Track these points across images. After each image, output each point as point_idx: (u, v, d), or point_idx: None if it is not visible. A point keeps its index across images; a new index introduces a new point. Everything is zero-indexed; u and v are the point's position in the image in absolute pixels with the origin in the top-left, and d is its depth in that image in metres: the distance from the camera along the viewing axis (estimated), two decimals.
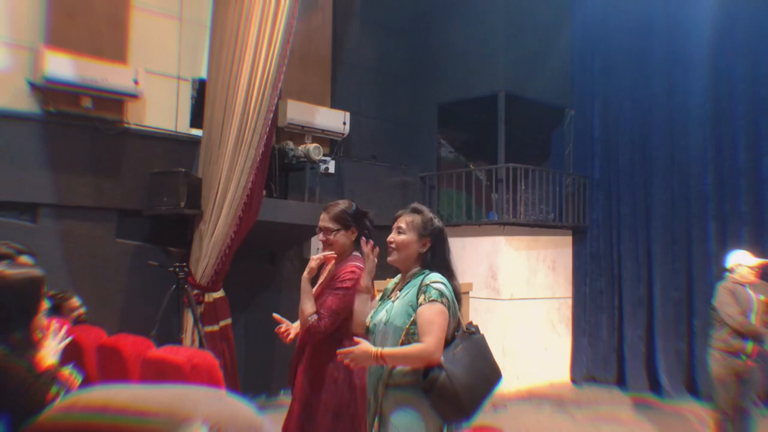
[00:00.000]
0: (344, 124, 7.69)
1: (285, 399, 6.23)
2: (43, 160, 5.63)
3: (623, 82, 8.84)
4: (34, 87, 5.60)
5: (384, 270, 3.32)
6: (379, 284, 3.26)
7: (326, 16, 7.86)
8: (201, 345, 5.31)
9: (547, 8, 9.04)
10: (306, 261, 7.28)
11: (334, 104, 7.86)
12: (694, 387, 7.83)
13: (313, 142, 7.25)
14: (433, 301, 2.53)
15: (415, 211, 2.76)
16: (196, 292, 5.73)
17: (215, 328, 5.87)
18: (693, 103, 8.18)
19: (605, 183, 9.00)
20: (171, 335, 5.65)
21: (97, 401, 0.92)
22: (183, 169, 5.93)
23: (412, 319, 2.56)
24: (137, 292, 6.07)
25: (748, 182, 7.70)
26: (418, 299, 2.57)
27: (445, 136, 9.86)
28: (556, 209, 9.07)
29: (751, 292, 5.09)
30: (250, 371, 6.66)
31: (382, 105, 8.93)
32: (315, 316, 3.03)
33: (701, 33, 8.10)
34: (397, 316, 2.60)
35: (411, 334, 2.55)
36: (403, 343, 2.55)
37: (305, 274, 3.12)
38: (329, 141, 7.76)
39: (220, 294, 6.01)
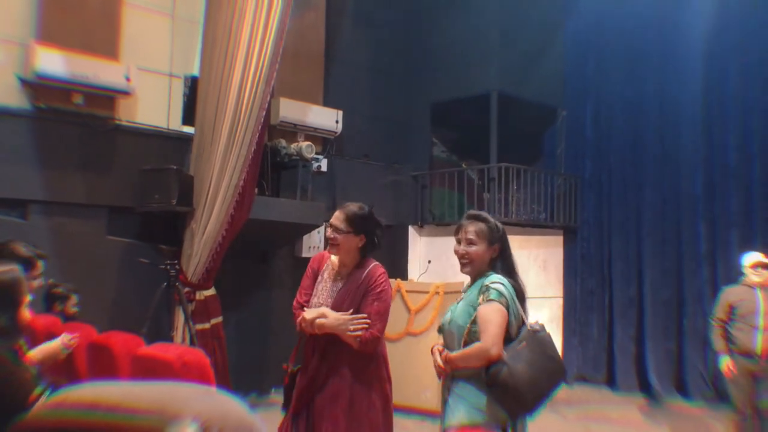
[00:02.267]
0: (337, 122, 7.68)
1: (276, 397, 6.22)
2: (33, 156, 5.59)
3: (616, 82, 8.88)
4: (25, 83, 5.56)
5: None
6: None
7: (319, 14, 7.85)
8: (192, 343, 5.29)
9: (540, 8, 9.05)
10: (298, 259, 7.30)
11: (327, 102, 7.85)
12: (683, 387, 7.88)
13: (305, 140, 7.23)
14: (491, 300, 2.67)
15: (479, 218, 2.85)
16: (187, 289, 5.71)
17: (206, 326, 5.85)
18: (685, 104, 8.23)
19: (597, 183, 9.04)
20: (162, 333, 5.63)
21: (88, 398, 0.92)
22: (174, 167, 5.90)
23: (472, 318, 2.70)
24: (128, 289, 6.04)
25: (738, 183, 7.74)
26: (478, 299, 2.71)
27: (438, 135, 9.86)
28: (547, 209, 9.10)
29: (760, 295, 5.11)
30: (242, 369, 6.64)
31: (375, 103, 8.92)
32: (353, 329, 3.10)
33: (694, 34, 8.16)
34: (459, 316, 2.76)
35: (472, 332, 2.69)
36: (465, 342, 2.69)
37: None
38: (322, 139, 7.75)
39: (211, 292, 5.99)
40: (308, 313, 3.15)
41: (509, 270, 2.82)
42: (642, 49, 8.63)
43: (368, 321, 3.10)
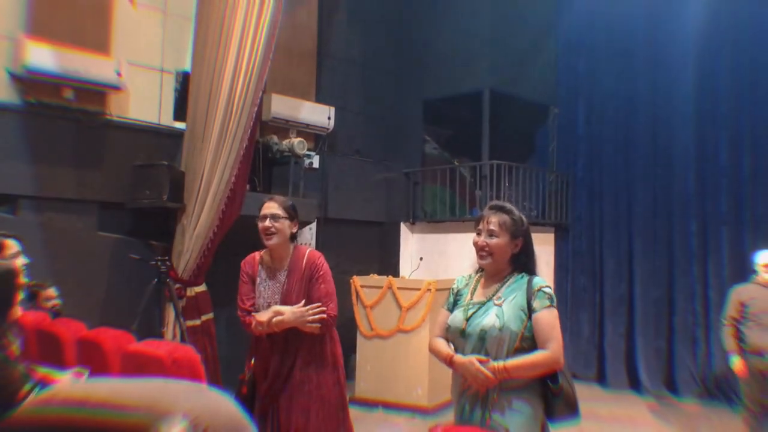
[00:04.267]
0: (329, 118, 7.67)
1: None
2: (23, 151, 5.55)
3: (608, 80, 8.90)
4: (14, 77, 5.52)
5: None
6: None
7: (312, 9, 7.83)
8: (182, 339, 5.28)
9: (533, 7, 9.06)
10: None
11: (320, 99, 7.84)
12: (673, 384, 7.92)
13: (297, 136, 7.22)
14: (550, 306, 2.54)
15: (503, 210, 2.69)
16: (177, 286, 5.70)
17: (197, 322, 5.84)
18: (676, 103, 8.26)
19: (588, 181, 9.06)
20: (152, 329, 5.61)
21: (77, 395, 0.91)
22: (166, 162, 5.88)
23: (524, 323, 2.53)
24: (118, 285, 6.02)
25: (729, 182, 7.78)
26: (530, 304, 2.55)
27: (430, 132, 9.87)
28: (539, 206, 9.12)
29: (766, 293, 5.09)
30: (232, 366, 6.63)
31: (368, 100, 8.91)
32: (304, 311, 3.18)
33: (685, 33, 8.18)
34: (512, 321, 2.54)
35: (525, 338, 2.53)
36: (517, 349, 2.51)
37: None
38: (314, 136, 7.73)
39: (202, 288, 5.97)
40: (262, 316, 3.20)
41: (532, 268, 2.69)
42: (634, 48, 8.65)
43: (323, 305, 3.21)
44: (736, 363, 5.15)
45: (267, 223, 3.28)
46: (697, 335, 7.77)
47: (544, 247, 9.02)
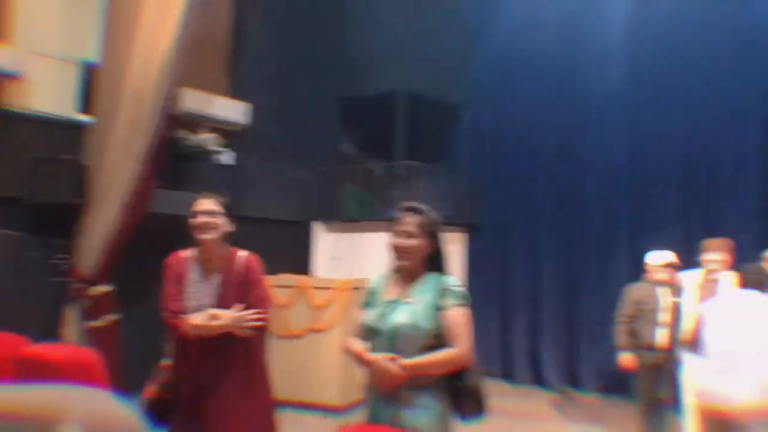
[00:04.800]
0: (243, 115, 7.55)
1: None
2: None
3: (518, 83, 9.16)
4: None
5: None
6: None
7: (226, 3, 7.68)
8: (84, 341, 5.08)
9: (450, 10, 9.23)
10: None
11: (234, 95, 7.70)
12: (576, 379, 8.27)
13: (210, 132, 7.07)
14: (461, 305, 2.61)
15: (418, 211, 2.74)
16: (79, 285, 5.47)
17: (100, 323, 5.62)
18: (579, 107, 8.61)
19: (498, 182, 9.30)
20: (52, 331, 5.36)
21: None
22: (69, 156, 5.63)
23: (435, 321, 2.58)
24: (15, 285, 5.71)
25: (630, 184, 8.18)
26: (441, 302, 2.60)
27: (347, 131, 9.88)
28: (451, 207, 9.30)
29: (662, 292, 5.39)
30: (140, 369, 6.42)
31: (284, 98, 8.82)
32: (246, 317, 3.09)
33: (594, 39, 8.56)
34: (423, 319, 2.59)
35: (435, 336, 2.57)
36: (428, 347, 2.56)
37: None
38: (227, 132, 7.58)
39: (106, 288, 5.74)
40: (196, 318, 3.08)
41: (444, 267, 2.75)
42: (544, 51, 8.94)
43: (259, 310, 3.13)
44: (624, 358, 5.45)
45: (204, 218, 3.18)
46: (598, 332, 8.14)
47: (455, 247, 9.22)
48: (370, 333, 2.70)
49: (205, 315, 3.07)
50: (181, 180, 6.98)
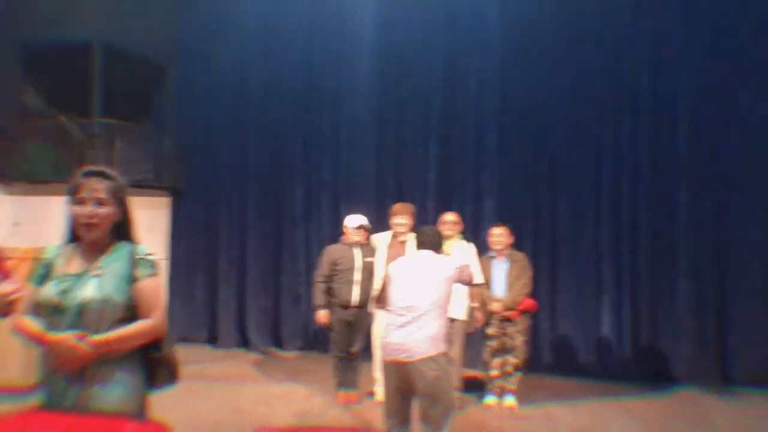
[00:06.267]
0: None
1: None
2: None
3: (226, 44, 8.98)
4: None
5: None
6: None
7: None
8: None
9: None
10: None
11: None
12: (279, 339, 8.56)
13: None
14: (153, 275, 2.51)
15: (106, 176, 2.52)
16: None
17: None
18: (285, 72, 8.71)
19: (206, 146, 9.09)
20: None
21: None
22: None
23: (127, 293, 2.43)
24: None
25: (331, 150, 8.57)
26: (133, 273, 2.46)
27: (33, 82, 8.78)
28: (155, 170, 8.87)
29: (358, 253, 5.79)
30: None
31: None
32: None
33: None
34: (114, 292, 2.41)
35: (128, 308, 2.43)
36: (120, 320, 2.40)
37: None
38: None
39: None
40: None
41: (134, 236, 2.58)
42: (248, 10, 8.87)
43: None
44: (320, 315, 5.81)
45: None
46: (301, 293, 8.50)
47: (159, 212, 8.85)
48: (49, 310, 2.43)
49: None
50: None
